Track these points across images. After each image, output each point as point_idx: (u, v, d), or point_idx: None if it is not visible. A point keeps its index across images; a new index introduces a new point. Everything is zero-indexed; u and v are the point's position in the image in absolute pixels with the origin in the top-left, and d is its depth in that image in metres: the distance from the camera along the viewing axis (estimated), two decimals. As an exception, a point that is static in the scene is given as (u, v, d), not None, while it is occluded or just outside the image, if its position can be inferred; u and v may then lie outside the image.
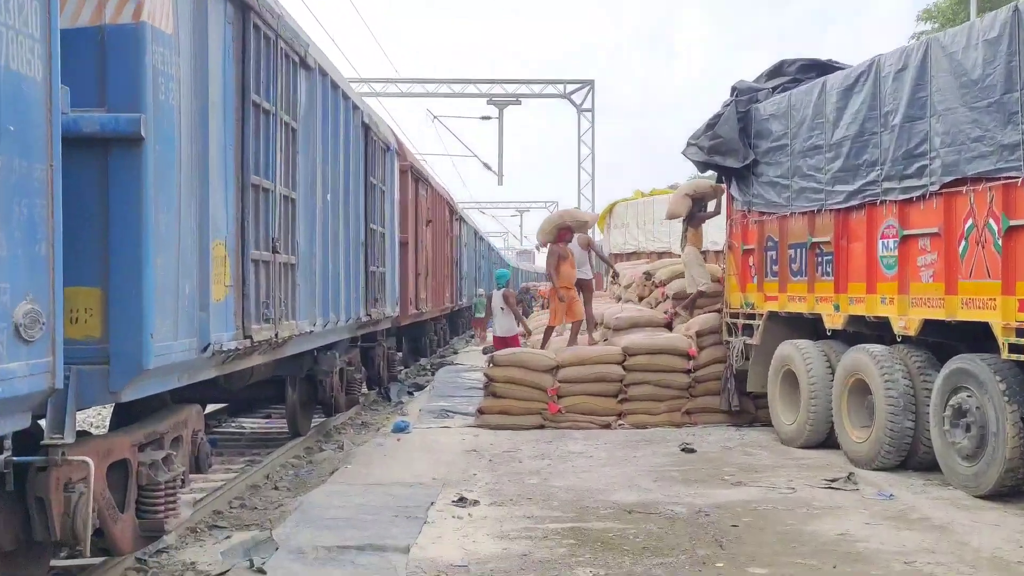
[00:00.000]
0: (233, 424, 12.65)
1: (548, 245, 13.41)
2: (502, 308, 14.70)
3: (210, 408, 12.41)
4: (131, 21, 5.25)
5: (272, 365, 9.50)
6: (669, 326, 13.45)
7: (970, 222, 8.04)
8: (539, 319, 17.19)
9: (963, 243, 8.12)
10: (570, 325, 13.35)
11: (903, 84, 8.79)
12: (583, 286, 13.74)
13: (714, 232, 18.57)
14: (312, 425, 11.66)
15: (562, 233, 13.43)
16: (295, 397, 10.79)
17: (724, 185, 12.78)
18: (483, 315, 32.76)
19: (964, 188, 8.09)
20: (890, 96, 9.03)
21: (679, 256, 18.68)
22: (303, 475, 9.48)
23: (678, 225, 21.14)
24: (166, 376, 5.86)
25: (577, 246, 13.68)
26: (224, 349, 6.52)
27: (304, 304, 8.89)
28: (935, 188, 8.43)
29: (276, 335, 7.67)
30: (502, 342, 14.20)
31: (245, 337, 6.95)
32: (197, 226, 6.15)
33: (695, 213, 13.34)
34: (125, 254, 5.24)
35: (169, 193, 5.70)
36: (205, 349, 6.19)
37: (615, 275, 14.60)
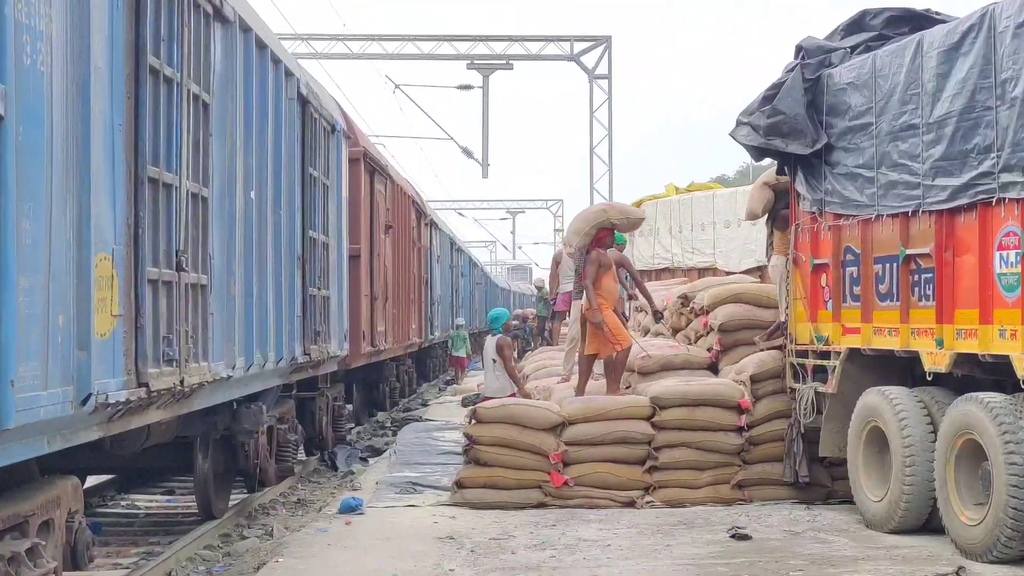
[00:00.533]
0: (124, 502, 12.60)
1: (578, 251, 13.18)
2: (494, 360, 14.55)
3: (92, 481, 12.34)
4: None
5: (176, 423, 9.44)
6: (714, 368, 13.44)
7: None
8: (541, 358, 17.18)
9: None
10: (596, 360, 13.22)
11: (1027, 42, 8.84)
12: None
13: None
14: (230, 504, 11.61)
15: (602, 235, 13.35)
16: (207, 465, 10.75)
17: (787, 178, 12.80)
18: (463, 353, 32.76)
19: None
20: (1009, 58, 9.06)
21: (728, 273, 18.71)
22: (218, 573, 9.41)
23: (727, 233, 21.34)
24: (32, 438, 5.83)
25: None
26: (111, 401, 6.49)
27: (219, 340, 8.86)
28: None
29: (182, 382, 7.64)
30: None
31: (139, 385, 6.92)
32: (75, 236, 6.14)
33: (780, 210, 13.13)
34: (-24, 273, 5.23)
35: (37, 192, 5.69)
36: (85, 401, 6.16)
37: (656, 312, 14.54)
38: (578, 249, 13.22)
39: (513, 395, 14.19)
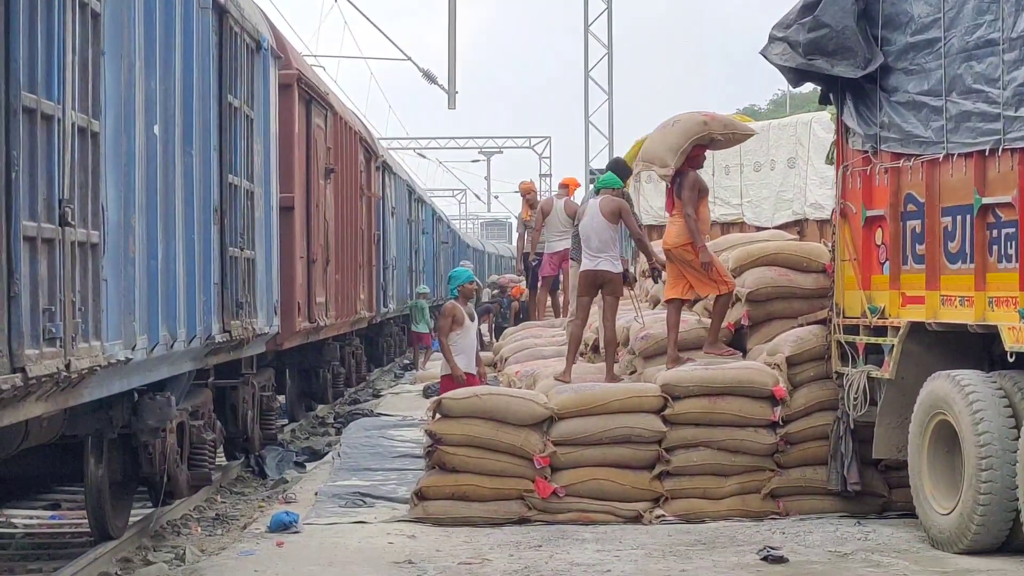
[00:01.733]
0: (-3, 519, 12.59)
1: (667, 173, 13.39)
2: (455, 333, 14.65)
3: (-45, 493, 12.33)
4: None
5: (61, 419, 9.42)
6: (738, 345, 13.47)
7: None
8: (523, 335, 17.20)
9: None
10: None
11: None
12: (605, 283, 13.70)
13: (814, 187, 18.70)
14: (131, 520, 11.61)
15: (697, 152, 13.65)
16: (101, 472, 10.74)
17: (833, 108, 12.79)
18: (425, 328, 32.81)
19: None
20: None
21: (758, 229, 18.75)
22: (116, 607, 9.42)
23: (757, 178, 21.32)
24: None
25: (598, 211, 13.61)
26: (-23, 391, 6.47)
27: (115, 314, 8.84)
28: None
29: (67, 366, 7.62)
30: (452, 385, 14.14)
31: (13, 370, 6.89)
32: (-71, 180, 6.10)
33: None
34: None
35: None
36: (-56, 392, 6.15)
37: (654, 270, 14.59)
38: (668, 171, 13.42)
39: (479, 375, 14.28)
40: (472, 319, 14.71)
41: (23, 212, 7.10)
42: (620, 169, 15.23)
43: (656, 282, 15.15)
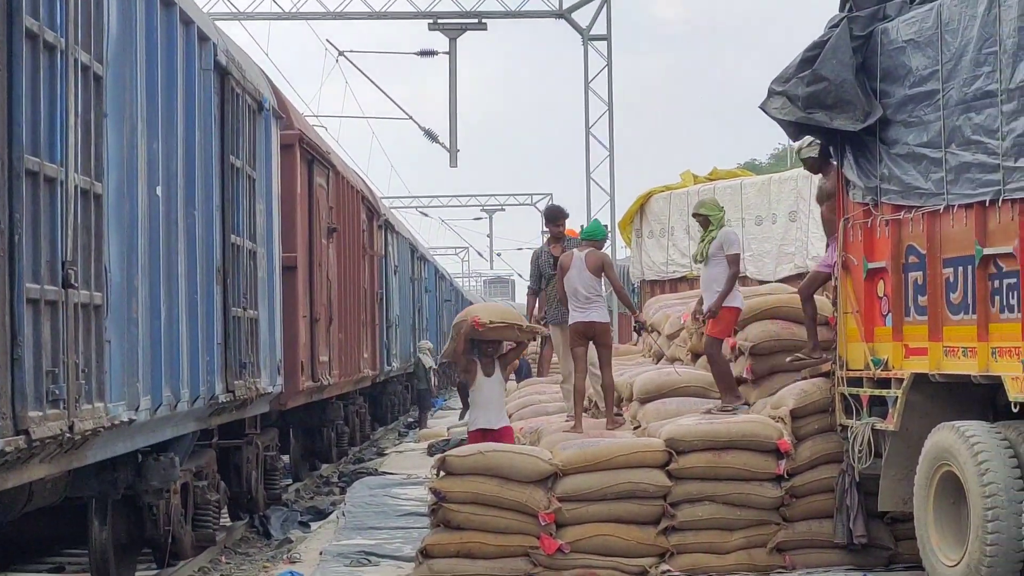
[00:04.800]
0: (0, 583, 12.56)
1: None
2: (487, 375, 14.14)
3: (-41, 556, 12.29)
4: None
5: (65, 480, 9.41)
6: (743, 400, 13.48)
7: None
8: (529, 392, 17.19)
9: None
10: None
11: None
12: (597, 334, 13.75)
13: (816, 240, 18.73)
14: (136, 583, 11.58)
15: None
16: (105, 534, 10.72)
17: (832, 160, 12.84)
18: (427, 385, 32.81)
19: None
20: (1108, 6, 9.12)
21: (761, 282, 18.78)
22: (121, 669, 9.39)
23: (759, 232, 21.36)
24: None
25: (584, 266, 13.69)
26: (-19, 454, 6.47)
27: (119, 375, 8.85)
28: None
29: (71, 428, 7.62)
30: (483, 438, 13.89)
31: (17, 432, 6.90)
32: (-68, 243, 6.13)
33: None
34: None
35: None
36: (-52, 454, 6.15)
37: (639, 326, 14.64)
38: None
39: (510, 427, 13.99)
40: (489, 374, 14.14)
41: (26, 274, 7.13)
42: (598, 227, 15.14)
43: (639, 336, 15.28)
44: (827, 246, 13.44)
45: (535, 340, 14.43)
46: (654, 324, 16.53)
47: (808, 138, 13.35)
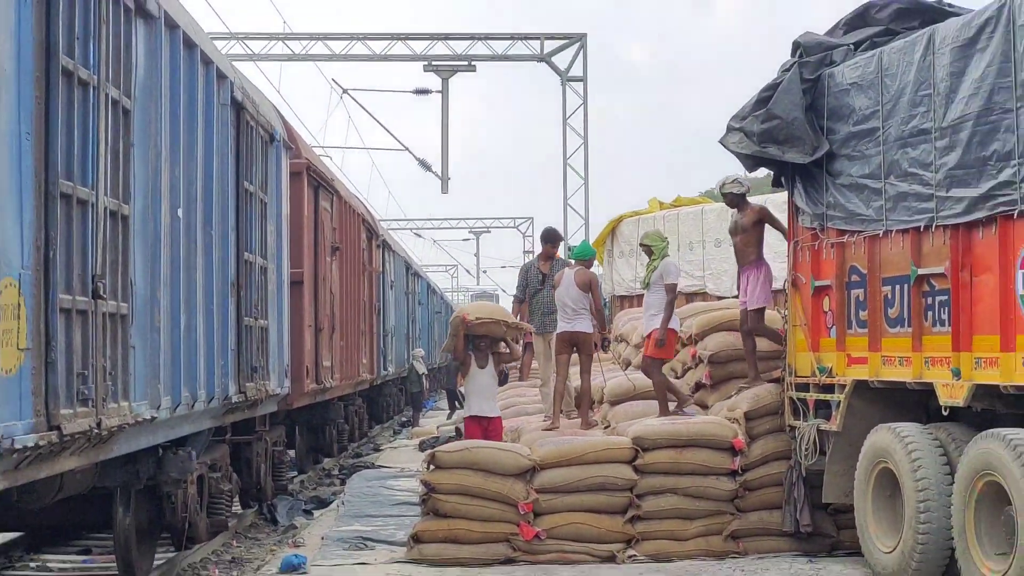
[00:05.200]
0: (34, 563, 12.50)
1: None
2: (481, 367, 14.14)
3: (-3, 539, 12.24)
4: None
5: (93, 472, 9.38)
6: (703, 405, 13.47)
7: None
8: (511, 395, 17.16)
9: None
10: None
11: (1049, 36, 8.92)
12: (581, 343, 13.77)
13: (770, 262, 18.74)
14: (155, 564, 11.54)
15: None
16: (128, 520, 10.68)
17: (784, 190, 12.85)
18: (419, 389, 32.77)
19: None
20: (1030, 54, 9.14)
21: (719, 298, 18.77)
22: (142, 642, 9.35)
23: (718, 253, 21.36)
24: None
25: (573, 282, 13.71)
26: (17, 447, 6.45)
27: (142, 377, 8.83)
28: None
29: (99, 424, 7.61)
30: (478, 427, 13.86)
31: (51, 428, 6.88)
32: (-24, 258, 6.11)
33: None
34: None
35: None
36: (-12, 447, 6.13)
37: (605, 341, 14.70)
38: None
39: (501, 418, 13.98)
40: (483, 367, 14.06)
41: (60, 286, 7.12)
42: (587, 248, 15.38)
43: (605, 350, 15.41)
44: (739, 275, 13.37)
45: (519, 342, 14.38)
46: (623, 335, 16.57)
47: (729, 175, 13.46)
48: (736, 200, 13.36)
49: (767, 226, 13.28)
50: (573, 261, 14.48)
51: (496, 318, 13.77)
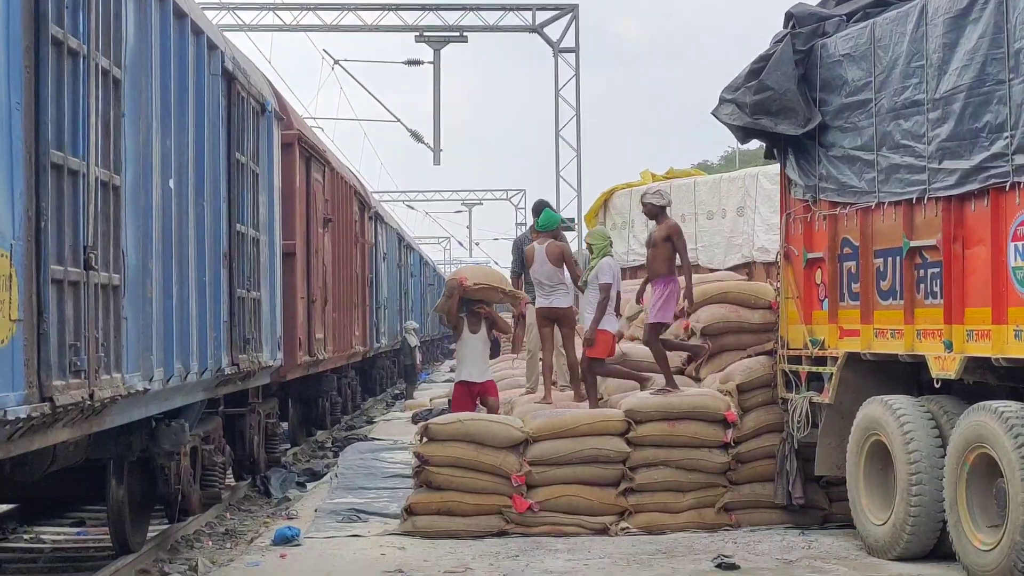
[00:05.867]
0: (27, 535, 12.51)
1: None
2: (473, 332, 14.06)
3: (-10, 511, 12.25)
4: None
5: (86, 443, 9.39)
6: (694, 376, 13.48)
7: None
8: (502, 367, 17.17)
9: None
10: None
11: (1043, 7, 8.91)
12: (560, 318, 13.73)
13: (761, 233, 18.76)
14: (149, 536, 11.55)
15: None
16: (121, 492, 10.69)
17: (777, 162, 12.85)
18: (412, 361, 32.76)
19: None
20: (1023, 26, 9.13)
21: (711, 270, 18.77)
22: (135, 613, 9.37)
23: (710, 225, 21.35)
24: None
25: (545, 258, 13.53)
26: (9, 418, 6.45)
27: (135, 348, 8.83)
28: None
29: (91, 396, 7.60)
30: (467, 394, 13.82)
31: (43, 399, 6.88)
32: (-34, 229, 6.10)
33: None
34: None
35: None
36: (-21, 419, 6.13)
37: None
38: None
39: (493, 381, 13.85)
40: (475, 332, 13.97)
41: (51, 257, 7.11)
42: (550, 217, 14.67)
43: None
44: (653, 289, 13.06)
45: (516, 310, 14.31)
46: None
47: (650, 185, 13.23)
48: (655, 211, 13.19)
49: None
50: (537, 233, 14.06)
51: (493, 284, 13.73)
